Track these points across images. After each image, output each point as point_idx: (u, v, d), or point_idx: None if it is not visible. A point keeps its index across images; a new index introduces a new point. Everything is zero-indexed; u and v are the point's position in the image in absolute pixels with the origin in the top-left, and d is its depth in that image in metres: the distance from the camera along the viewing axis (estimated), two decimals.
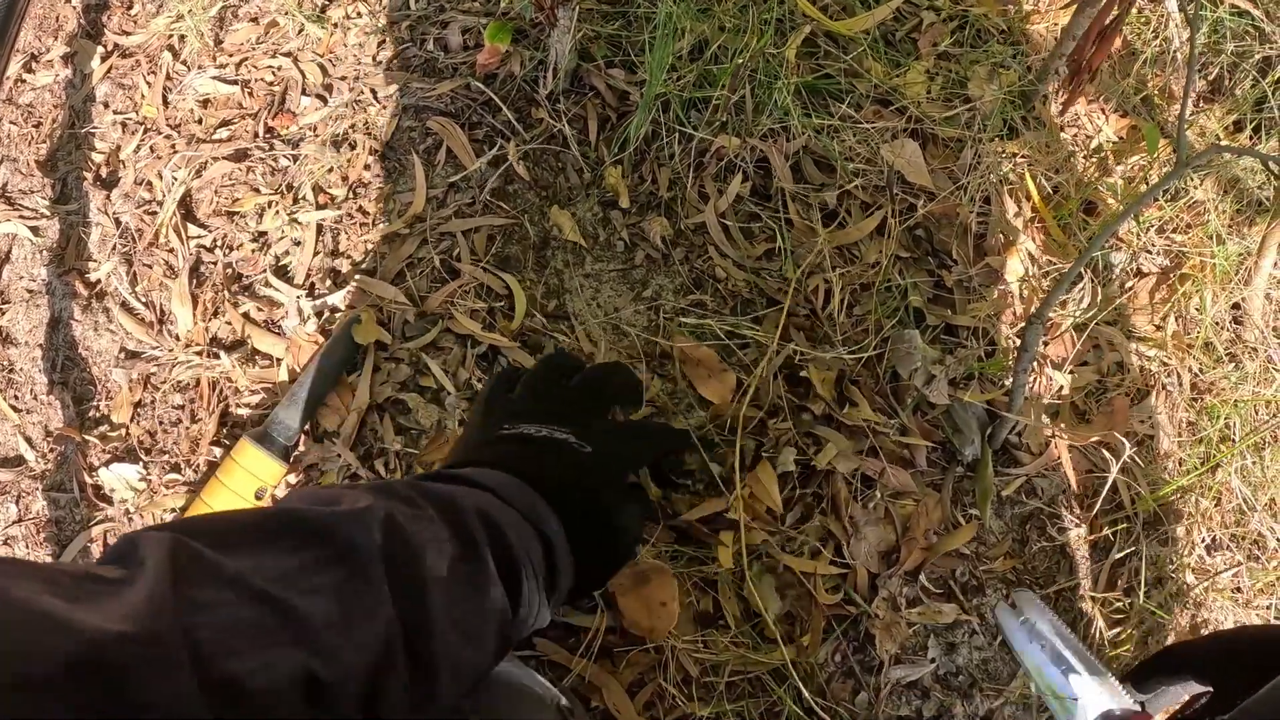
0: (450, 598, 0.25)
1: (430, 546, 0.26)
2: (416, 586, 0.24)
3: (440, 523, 0.27)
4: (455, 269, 0.53)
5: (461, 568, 0.26)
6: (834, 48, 0.58)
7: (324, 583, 0.23)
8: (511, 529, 0.29)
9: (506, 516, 0.30)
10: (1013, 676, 0.49)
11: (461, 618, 0.26)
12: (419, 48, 0.60)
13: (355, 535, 0.24)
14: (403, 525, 0.25)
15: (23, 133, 0.67)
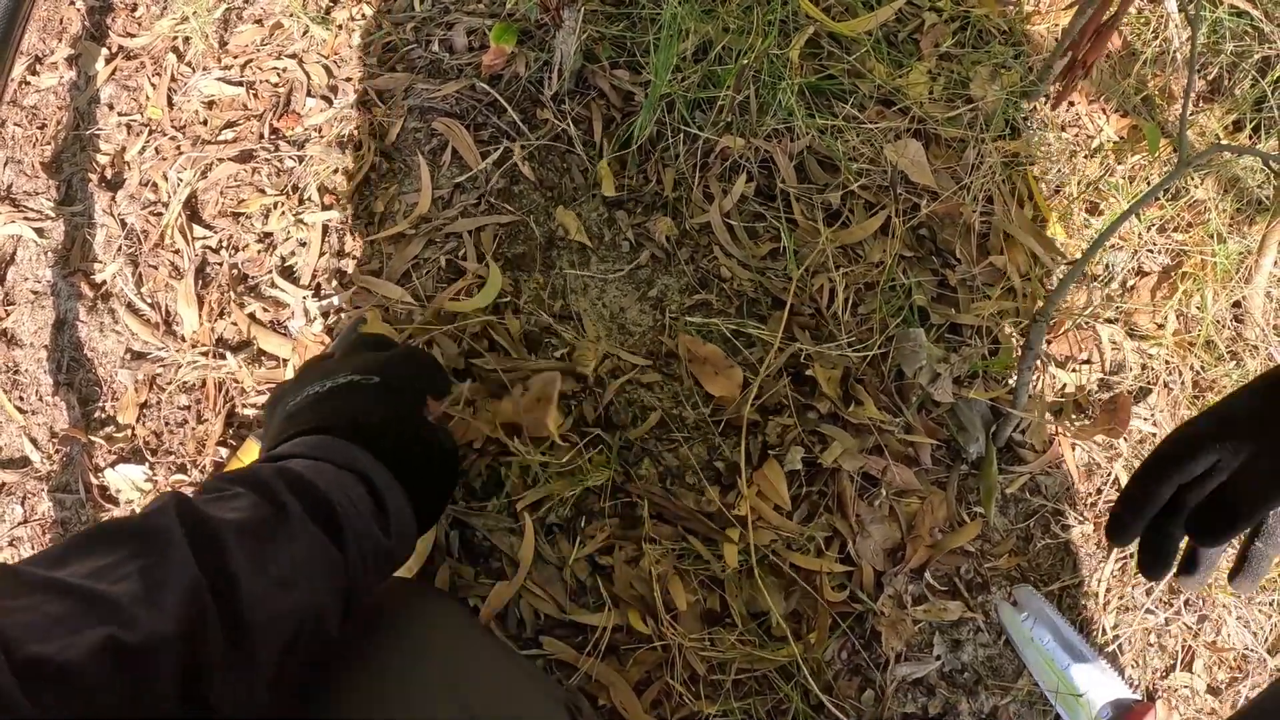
0: (253, 551, 0.26)
1: (226, 512, 0.27)
2: (216, 548, 0.25)
3: (242, 494, 0.29)
4: (461, 268, 0.53)
5: (263, 523, 0.27)
6: (837, 48, 0.58)
7: (133, 569, 0.24)
8: (318, 476, 0.30)
9: (315, 469, 0.31)
10: (1018, 673, 0.49)
11: (271, 567, 0.26)
12: (424, 49, 0.59)
13: (154, 522, 0.26)
14: (196, 504, 0.27)
15: (28, 134, 0.66)
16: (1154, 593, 0.53)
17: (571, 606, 0.43)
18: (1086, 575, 0.52)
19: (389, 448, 0.34)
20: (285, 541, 0.27)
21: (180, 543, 0.25)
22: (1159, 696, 0.52)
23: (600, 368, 0.49)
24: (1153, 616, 0.52)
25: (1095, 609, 0.51)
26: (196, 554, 0.25)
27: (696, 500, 0.46)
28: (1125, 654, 0.51)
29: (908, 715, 0.46)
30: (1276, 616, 0.55)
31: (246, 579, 0.25)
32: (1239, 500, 0.27)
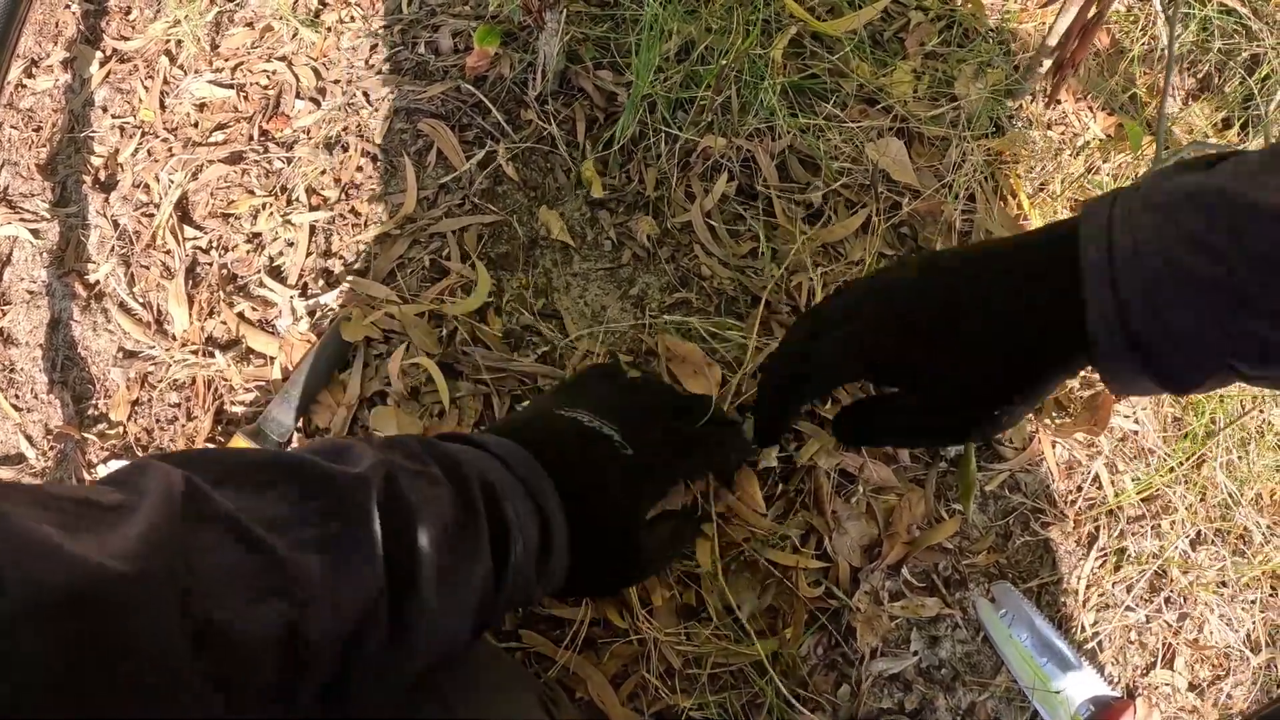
0: (440, 560, 0.25)
1: (427, 506, 0.25)
2: (408, 546, 0.24)
3: (442, 483, 0.27)
4: (445, 268, 0.53)
5: (456, 531, 0.26)
6: (820, 48, 0.58)
7: (317, 535, 0.22)
8: (510, 500, 0.28)
9: (508, 486, 0.29)
10: (996, 670, 0.49)
11: (448, 582, 0.25)
12: (410, 51, 0.60)
13: (354, 489, 0.24)
14: (401, 482, 0.25)
15: (23, 137, 0.67)
16: (1134, 590, 0.53)
17: (549, 600, 0.44)
18: (1066, 572, 0.52)
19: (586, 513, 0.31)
20: (469, 565, 0.26)
21: (372, 523, 0.23)
22: (1139, 694, 0.51)
23: (580, 366, 0.49)
24: (1133, 614, 0.52)
25: (1074, 606, 0.51)
26: (388, 544, 0.23)
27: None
28: (1105, 651, 0.51)
29: (884, 711, 0.46)
30: (1259, 614, 0.55)
31: (425, 591, 0.24)
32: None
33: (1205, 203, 0.24)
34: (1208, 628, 0.54)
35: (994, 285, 0.29)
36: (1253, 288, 0.24)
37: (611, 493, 0.33)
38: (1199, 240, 0.24)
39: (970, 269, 0.30)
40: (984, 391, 0.29)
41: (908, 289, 0.31)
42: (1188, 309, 0.25)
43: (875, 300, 0.31)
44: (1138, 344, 0.26)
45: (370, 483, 0.24)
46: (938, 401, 0.30)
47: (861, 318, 0.32)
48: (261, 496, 0.23)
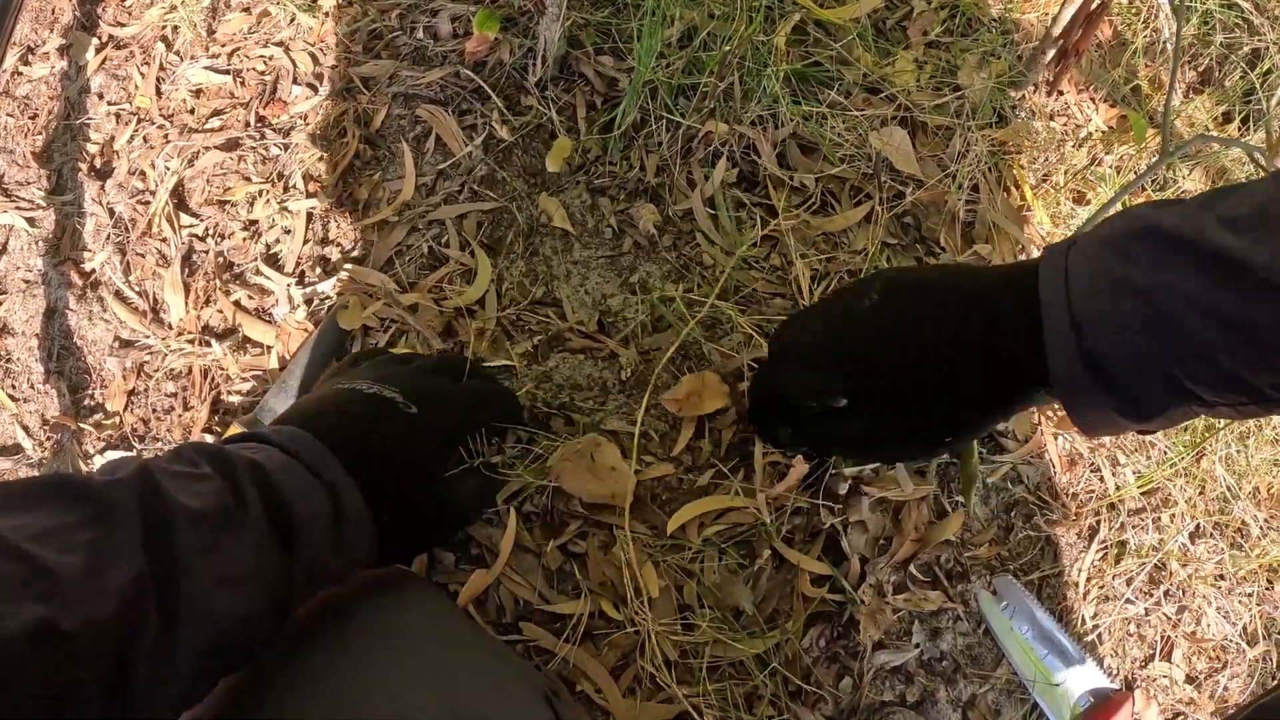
0: (202, 544, 0.25)
1: (188, 495, 0.25)
2: (165, 535, 0.24)
3: (210, 478, 0.27)
4: (444, 255, 0.52)
5: (220, 514, 0.26)
6: (824, 35, 0.56)
7: (81, 540, 0.23)
8: (287, 478, 0.28)
9: (285, 468, 0.29)
10: (997, 662, 0.47)
11: (216, 564, 0.25)
12: (409, 36, 0.58)
13: (114, 493, 0.24)
14: (160, 480, 0.25)
15: (19, 124, 0.65)
16: (1134, 583, 0.51)
17: (551, 594, 0.42)
18: (1067, 565, 0.50)
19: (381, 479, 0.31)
20: (236, 538, 0.26)
21: (133, 521, 0.24)
22: (1137, 686, 0.50)
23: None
24: (1132, 606, 0.51)
25: (1075, 599, 0.50)
26: (147, 536, 0.24)
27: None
28: (1104, 644, 0.50)
29: (885, 703, 0.45)
30: (1255, 607, 0.54)
31: (187, 570, 0.24)
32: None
33: (1150, 236, 0.26)
34: (1205, 620, 0.53)
35: (953, 322, 0.30)
36: (1182, 317, 0.25)
37: (403, 452, 0.33)
38: (1144, 270, 0.25)
39: (930, 302, 0.31)
40: (935, 424, 0.31)
41: (871, 321, 0.32)
42: (1137, 334, 0.25)
43: (839, 332, 0.33)
44: (1097, 371, 0.26)
45: (130, 485, 0.25)
46: (891, 427, 0.32)
47: (825, 349, 0.33)
48: (30, 514, 0.23)
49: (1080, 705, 0.47)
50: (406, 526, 0.33)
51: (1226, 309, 0.24)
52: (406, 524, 0.33)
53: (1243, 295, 0.23)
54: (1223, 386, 0.25)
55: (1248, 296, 0.23)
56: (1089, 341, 0.26)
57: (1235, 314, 0.24)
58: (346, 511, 0.30)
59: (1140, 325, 0.25)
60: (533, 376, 0.47)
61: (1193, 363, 0.25)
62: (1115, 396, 0.27)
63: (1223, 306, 0.24)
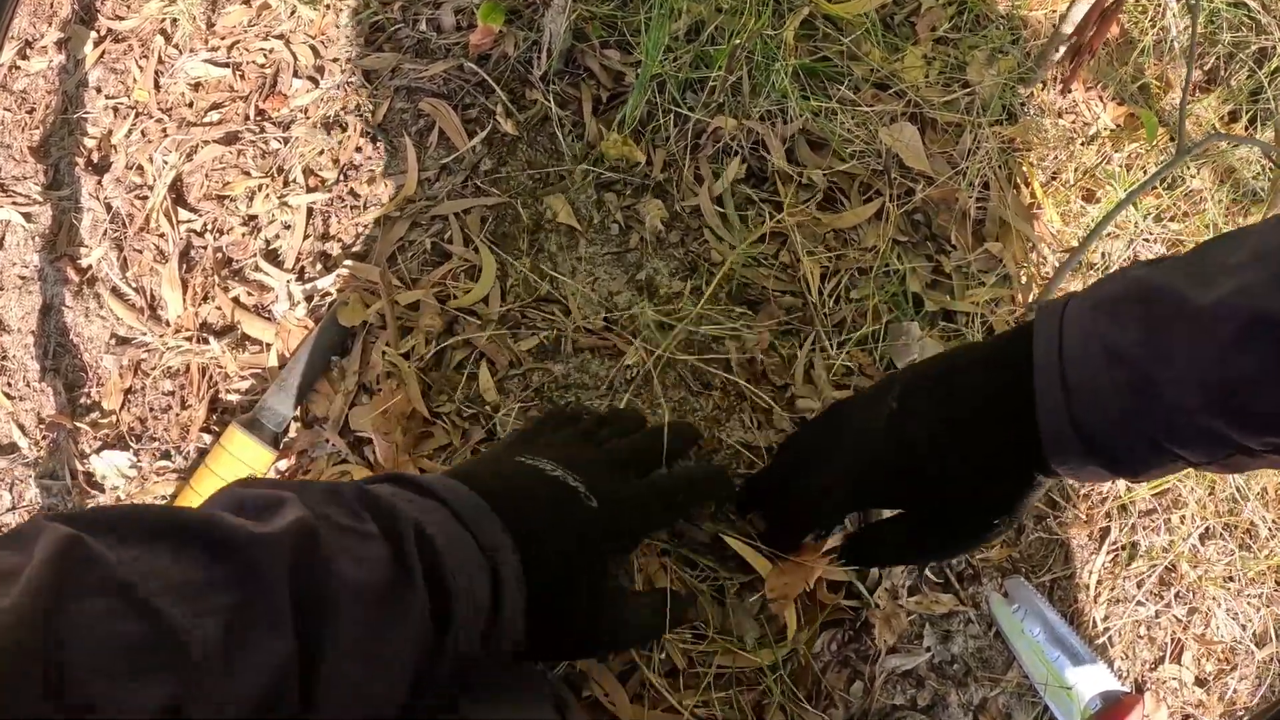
0: (362, 625, 0.21)
1: (349, 563, 0.22)
2: (322, 615, 0.20)
3: (375, 538, 0.23)
4: (447, 251, 0.49)
5: (385, 591, 0.22)
6: (832, 30, 0.54)
7: (220, 604, 0.19)
8: (453, 552, 0.25)
9: (452, 539, 0.25)
10: (1008, 665, 0.46)
11: (369, 652, 0.21)
12: (411, 28, 0.55)
13: (263, 551, 0.20)
14: (323, 541, 0.22)
15: (16, 119, 0.63)
16: (1145, 585, 0.50)
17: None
18: (1078, 567, 0.49)
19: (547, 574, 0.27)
20: (398, 620, 0.22)
21: (281, 588, 0.20)
22: (1148, 688, 0.49)
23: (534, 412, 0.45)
24: (1143, 609, 0.49)
25: (1086, 601, 0.48)
26: (297, 611, 0.20)
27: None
28: (1115, 646, 0.48)
29: (896, 707, 0.43)
30: (1265, 609, 0.52)
31: (336, 656, 0.20)
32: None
33: (1140, 299, 0.25)
34: (1215, 622, 0.51)
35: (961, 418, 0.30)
36: (1167, 381, 0.24)
37: (575, 549, 0.29)
38: (1133, 336, 0.25)
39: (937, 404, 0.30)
40: (974, 510, 0.30)
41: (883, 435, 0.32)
42: (1124, 400, 0.25)
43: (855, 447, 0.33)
44: (1083, 432, 0.26)
45: (283, 543, 0.21)
46: (932, 525, 0.32)
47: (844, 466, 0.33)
48: (162, 558, 0.19)
49: (1091, 708, 0.45)
50: (557, 631, 0.29)
51: (1216, 372, 0.23)
52: (559, 628, 0.29)
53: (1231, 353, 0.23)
54: (1209, 445, 0.25)
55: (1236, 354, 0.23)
56: (1076, 405, 0.26)
57: (1219, 373, 0.23)
58: (504, 605, 0.26)
59: (1128, 392, 0.25)
60: (540, 374, 0.45)
61: (1178, 428, 0.25)
62: (1099, 456, 0.27)
63: (1209, 368, 0.23)
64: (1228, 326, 0.23)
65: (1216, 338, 0.23)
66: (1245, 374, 0.23)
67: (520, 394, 0.45)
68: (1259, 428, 0.23)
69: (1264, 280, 0.22)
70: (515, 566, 0.27)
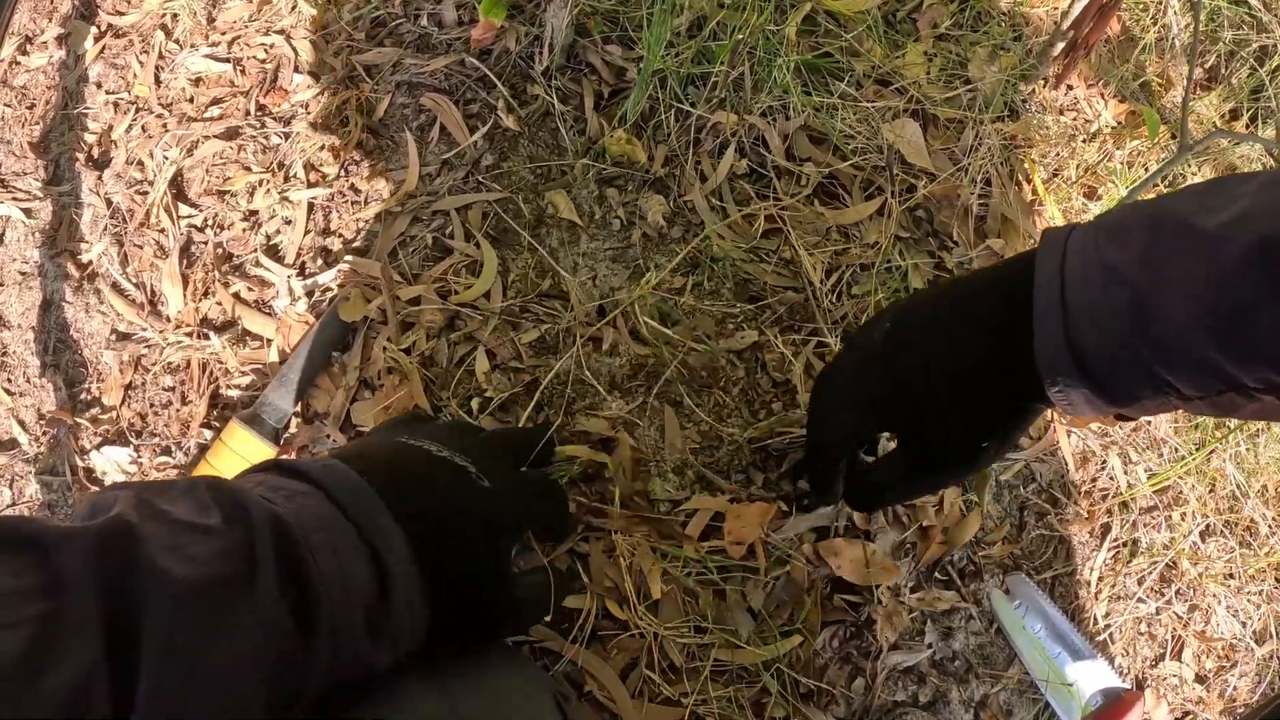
0: (189, 630, 0.19)
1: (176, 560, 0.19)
2: (131, 618, 0.18)
3: (215, 532, 0.21)
4: (448, 246, 0.49)
5: (221, 588, 0.20)
6: (834, 26, 0.53)
7: (31, 614, 0.17)
8: (324, 545, 0.22)
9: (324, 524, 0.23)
10: (1009, 662, 0.45)
11: (200, 663, 0.19)
12: (413, 23, 0.55)
13: (67, 558, 0.18)
14: (141, 536, 0.19)
15: (16, 115, 0.62)
16: (1146, 582, 0.49)
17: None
18: (1079, 564, 0.48)
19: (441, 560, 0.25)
20: (235, 622, 0.20)
21: (89, 595, 0.18)
22: (1148, 685, 0.48)
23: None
24: (1143, 605, 0.49)
25: (1087, 598, 0.48)
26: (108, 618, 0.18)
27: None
28: (1116, 643, 0.48)
29: (898, 703, 0.42)
30: (1265, 606, 0.51)
31: (152, 663, 0.18)
32: None
33: (1148, 224, 0.25)
34: (1215, 619, 0.51)
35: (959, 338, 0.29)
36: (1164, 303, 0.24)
37: (475, 527, 0.27)
38: (1135, 257, 0.24)
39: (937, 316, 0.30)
40: (966, 438, 0.30)
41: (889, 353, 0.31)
42: (1121, 321, 0.25)
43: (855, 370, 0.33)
44: (1078, 352, 0.26)
45: (89, 543, 0.19)
46: (925, 450, 0.31)
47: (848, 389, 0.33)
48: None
49: (1091, 705, 0.45)
50: (463, 616, 0.26)
51: (1214, 296, 0.23)
52: (464, 613, 0.26)
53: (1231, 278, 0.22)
54: (1202, 376, 0.24)
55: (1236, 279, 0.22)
56: (1073, 326, 0.25)
57: (1217, 298, 0.22)
58: (394, 590, 0.23)
59: (1126, 312, 0.25)
60: (543, 370, 0.44)
61: (1172, 354, 0.24)
62: (1091, 379, 0.26)
63: (1208, 292, 0.23)
64: (1230, 249, 0.22)
65: (1218, 261, 0.22)
66: (1243, 299, 0.22)
67: (514, 383, 0.44)
68: (1253, 358, 0.22)
69: (1269, 206, 0.22)
70: (402, 549, 0.24)
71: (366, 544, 0.23)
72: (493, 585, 0.27)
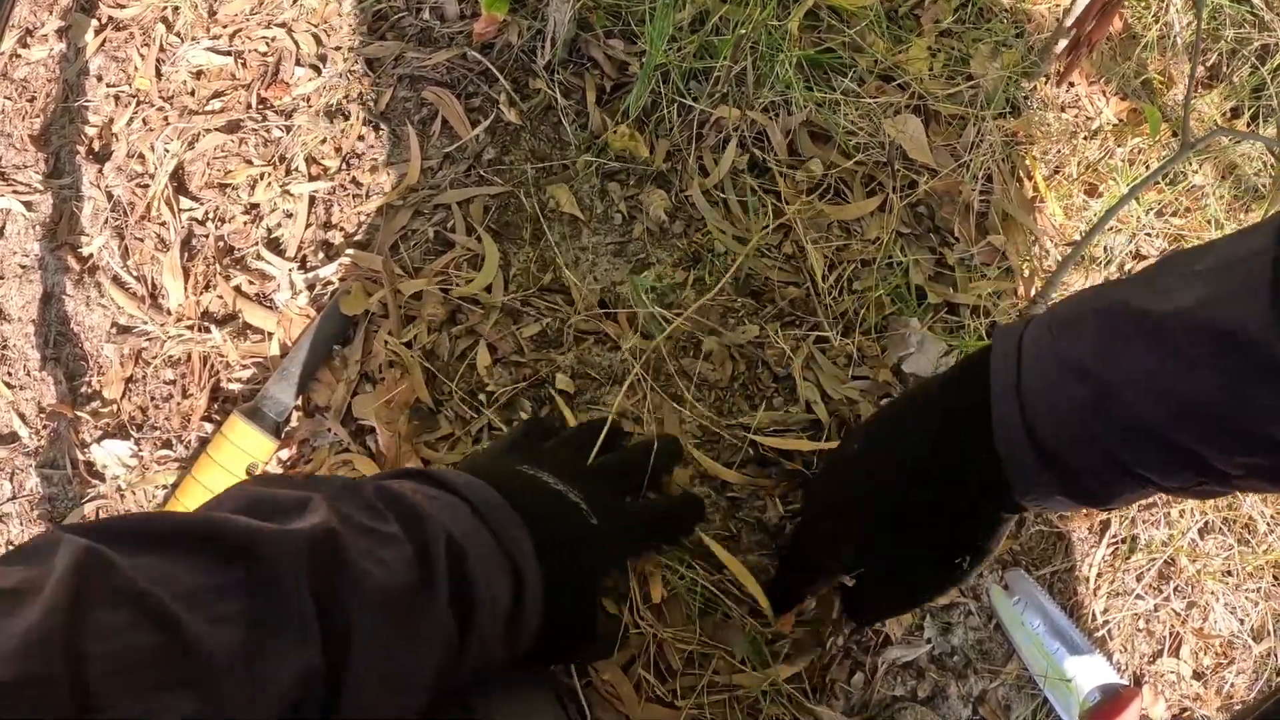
0: (384, 634, 0.20)
1: (373, 564, 0.21)
2: (343, 622, 0.19)
3: (398, 540, 0.22)
4: (449, 240, 0.49)
5: (407, 596, 0.21)
6: (837, 21, 0.53)
7: (237, 610, 0.18)
8: (478, 557, 0.24)
9: (475, 538, 0.24)
10: (1008, 657, 0.45)
11: (392, 666, 0.20)
12: (414, 17, 0.55)
13: (278, 559, 0.19)
14: (345, 544, 0.20)
15: (17, 107, 0.62)
16: (1144, 579, 0.49)
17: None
18: (1078, 560, 0.48)
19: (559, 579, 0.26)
20: (419, 629, 0.21)
21: (305, 599, 0.19)
22: (1146, 681, 0.48)
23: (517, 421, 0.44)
24: (1142, 602, 0.49)
25: (1086, 594, 0.48)
26: (321, 620, 0.19)
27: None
28: (1114, 639, 0.48)
29: (897, 698, 0.42)
30: (1263, 604, 0.52)
31: (358, 666, 0.19)
32: None
33: (1102, 313, 0.24)
34: (1213, 616, 0.51)
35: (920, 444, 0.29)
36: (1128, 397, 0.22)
37: (586, 558, 0.29)
38: (1092, 348, 0.23)
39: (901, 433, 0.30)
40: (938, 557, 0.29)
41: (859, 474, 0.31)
42: (1084, 415, 0.23)
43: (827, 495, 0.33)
44: (1046, 457, 0.25)
45: (300, 546, 0.20)
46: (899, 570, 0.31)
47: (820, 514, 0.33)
48: (179, 564, 0.18)
49: (1089, 701, 0.45)
50: (567, 635, 0.28)
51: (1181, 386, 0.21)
52: (568, 633, 0.28)
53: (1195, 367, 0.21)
54: (1177, 466, 0.23)
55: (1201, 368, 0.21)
56: (1038, 429, 0.24)
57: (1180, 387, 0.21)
58: (526, 604, 0.25)
59: (1087, 408, 0.23)
60: (545, 364, 0.44)
61: (1140, 444, 0.23)
62: (1061, 480, 0.25)
63: (1169, 382, 0.21)
64: (1188, 338, 0.21)
65: (1177, 350, 0.21)
66: (1208, 389, 0.21)
67: (515, 377, 0.44)
68: (1228, 447, 0.21)
69: (1228, 293, 0.20)
70: (534, 563, 0.26)
71: (506, 555, 0.25)
72: (589, 614, 0.29)
